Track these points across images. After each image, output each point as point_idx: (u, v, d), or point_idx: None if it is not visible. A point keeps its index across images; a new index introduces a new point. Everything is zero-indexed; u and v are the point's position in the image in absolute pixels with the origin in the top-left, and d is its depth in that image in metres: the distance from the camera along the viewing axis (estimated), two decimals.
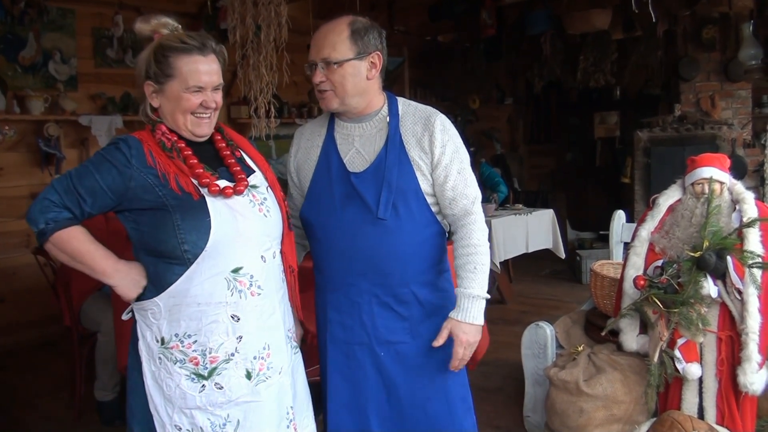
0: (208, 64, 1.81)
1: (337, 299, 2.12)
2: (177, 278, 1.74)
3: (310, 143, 2.18)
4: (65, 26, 5.28)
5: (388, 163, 2.02)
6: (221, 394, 1.79)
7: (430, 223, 2.09)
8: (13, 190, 5.05)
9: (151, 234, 1.77)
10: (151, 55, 1.81)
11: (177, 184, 1.74)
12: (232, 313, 1.78)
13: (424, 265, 2.10)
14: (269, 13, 3.79)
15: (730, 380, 2.56)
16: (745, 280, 2.49)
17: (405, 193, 2.02)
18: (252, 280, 1.81)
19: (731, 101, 6.51)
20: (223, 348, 1.78)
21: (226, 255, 1.76)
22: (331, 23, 2.04)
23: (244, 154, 1.98)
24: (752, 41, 6.20)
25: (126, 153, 1.74)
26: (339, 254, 2.07)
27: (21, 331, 4.97)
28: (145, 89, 1.83)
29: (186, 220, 1.73)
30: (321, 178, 2.11)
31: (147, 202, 1.75)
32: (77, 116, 5.16)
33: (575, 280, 6.65)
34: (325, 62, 2.00)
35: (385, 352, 2.10)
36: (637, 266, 2.78)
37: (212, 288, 1.76)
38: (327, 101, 2.05)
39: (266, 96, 3.88)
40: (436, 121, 2.06)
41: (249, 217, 1.82)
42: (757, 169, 6.32)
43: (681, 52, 6.63)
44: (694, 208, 2.67)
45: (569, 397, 2.80)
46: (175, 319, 1.77)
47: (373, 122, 2.10)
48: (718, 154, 2.81)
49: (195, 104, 1.81)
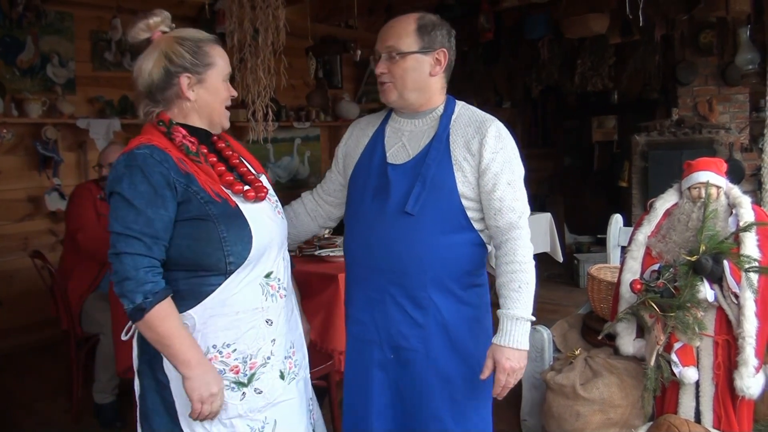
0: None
1: (356, 293, 2.09)
2: (214, 289, 1.70)
3: (363, 133, 2.17)
4: (63, 29, 5.28)
5: (429, 159, 1.96)
6: (261, 398, 1.79)
7: (462, 229, 1.97)
8: (11, 194, 5.05)
9: (191, 248, 1.69)
10: (178, 47, 1.74)
11: (213, 191, 1.70)
12: (267, 318, 1.79)
13: (448, 271, 1.97)
14: (267, 17, 3.79)
15: (726, 384, 2.56)
16: (741, 284, 2.49)
17: (439, 190, 1.94)
18: (279, 283, 1.83)
19: (729, 105, 6.52)
20: (261, 353, 1.78)
21: (261, 261, 1.76)
22: (401, 17, 2.02)
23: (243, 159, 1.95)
24: (749, 46, 6.21)
25: (161, 171, 1.65)
26: (362, 246, 2.04)
27: (18, 335, 4.96)
28: (181, 82, 1.74)
29: (231, 231, 1.69)
30: (361, 168, 2.09)
31: (188, 213, 1.68)
32: (75, 119, 5.15)
33: (573, 284, 6.67)
34: (388, 52, 1.97)
35: (394, 356, 2.03)
36: (633, 270, 2.79)
37: (249, 295, 1.75)
38: (386, 93, 2.02)
39: (264, 99, 3.88)
40: (491, 126, 1.98)
41: (274, 221, 1.84)
42: (755, 173, 6.30)
43: (678, 56, 6.64)
44: (690, 212, 2.68)
45: (566, 401, 2.80)
46: (212, 331, 1.72)
47: (425, 120, 2.05)
48: (714, 159, 2.82)
49: (229, 94, 1.82)
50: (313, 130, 7.22)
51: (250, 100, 3.90)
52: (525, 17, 6.81)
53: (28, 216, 5.15)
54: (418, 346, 1.99)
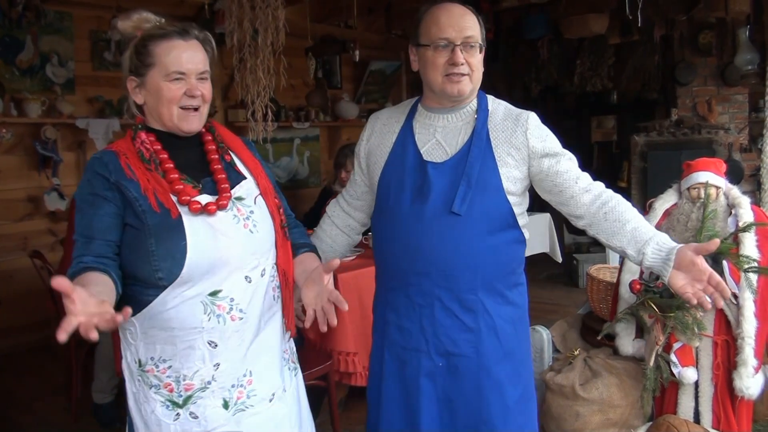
0: (190, 49, 1.67)
1: (397, 299, 1.96)
2: (152, 299, 1.60)
3: (386, 128, 2.05)
4: (63, 29, 5.28)
5: (471, 157, 1.87)
6: (196, 424, 1.65)
7: (509, 227, 1.92)
8: (10, 193, 5.05)
9: (125, 256, 1.62)
10: (132, 49, 1.68)
11: (156, 200, 1.59)
12: (209, 339, 1.63)
13: (496, 271, 1.92)
14: (267, 17, 3.79)
15: (726, 384, 2.56)
16: (740, 285, 2.49)
17: (485, 189, 1.87)
18: (233, 303, 1.65)
19: (728, 106, 6.54)
20: (199, 375, 1.65)
21: (203, 279, 1.61)
22: (457, 7, 1.91)
23: (236, 158, 1.82)
24: (749, 46, 6.23)
25: (104, 173, 1.61)
26: (402, 249, 1.91)
27: (18, 335, 4.96)
28: (128, 86, 1.70)
29: (161, 246, 1.57)
30: (394, 167, 1.97)
31: (127, 219, 1.61)
32: (74, 119, 5.15)
33: (572, 284, 6.66)
34: (467, 43, 1.87)
35: (443, 363, 1.93)
36: (633, 270, 2.79)
37: (187, 312, 1.61)
38: (462, 85, 1.90)
39: (263, 100, 3.89)
40: (529, 116, 1.95)
41: (232, 236, 1.65)
42: (754, 174, 6.32)
43: (678, 56, 6.65)
44: (690, 213, 2.68)
45: (565, 401, 2.80)
46: (151, 342, 1.64)
47: (459, 114, 1.97)
48: (713, 159, 2.82)
49: (177, 94, 1.65)
50: (312, 130, 7.21)
51: (249, 100, 3.91)
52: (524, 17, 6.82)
53: (27, 216, 5.15)
54: (470, 351, 1.91)
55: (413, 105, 2.05)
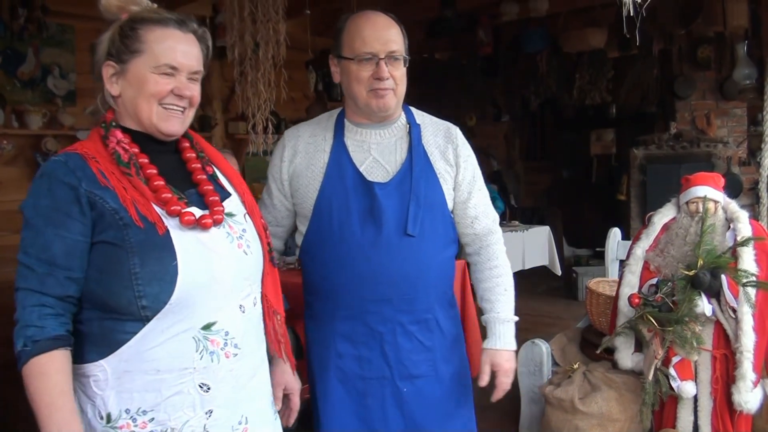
0: (186, 43, 1.45)
1: (352, 329, 1.86)
2: (130, 337, 1.33)
3: (313, 147, 1.90)
4: (64, 42, 5.30)
5: (415, 174, 1.83)
6: None
7: (452, 242, 1.94)
8: (11, 205, 5.02)
9: (98, 281, 1.34)
10: (116, 29, 1.45)
11: (137, 212, 1.33)
12: (201, 382, 1.38)
13: (445, 287, 1.95)
14: (268, 31, 3.82)
15: (724, 398, 2.56)
16: (739, 299, 2.49)
17: (432, 207, 1.85)
18: (227, 338, 1.41)
19: (727, 119, 6.55)
20: (189, 426, 1.38)
21: (195, 308, 1.36)
22: (380, 17, 1.82)
23: (218, 171, 1.59)
24: (747, 61, 6.26)
25: (71, 182, 1.35)
26: (357, 277, 1.81)
27: None
28: (104, 72, 1.46)
29: (146, 267, 1.32)
30: (333, 188, 1.84)
31: (101, 235, 1.35)
32: (75, 131, 5.15)
33: (571, 297, 6.66)
34: (392, 56, 1.79)
35: (408, 387, 1.88)
36: (632, 284, 2.79)
37: (176, 350, 1.34)
38: (387, 100, 1.82)
39: (264, 112, 3.91)
40: (457, 133, 1.94)
41: (226, 257, 1.42)
42: (753, 187, 6.33)
43: (676, 70, 6.68)
44: (688, 227, 2.69)
45: (564, 415, 2.79)
46: (126, 390, 1.34)
47: (391, 130, 1.90)
48: (712, 173, 2.83)
49: (164, 90, 1.42)
50: None
51: (250, 113, 3.93)
52: (523, 31, 6.86)
53: None
54: (429, 371, 1.91)
55: (337, 120, 1.94)
